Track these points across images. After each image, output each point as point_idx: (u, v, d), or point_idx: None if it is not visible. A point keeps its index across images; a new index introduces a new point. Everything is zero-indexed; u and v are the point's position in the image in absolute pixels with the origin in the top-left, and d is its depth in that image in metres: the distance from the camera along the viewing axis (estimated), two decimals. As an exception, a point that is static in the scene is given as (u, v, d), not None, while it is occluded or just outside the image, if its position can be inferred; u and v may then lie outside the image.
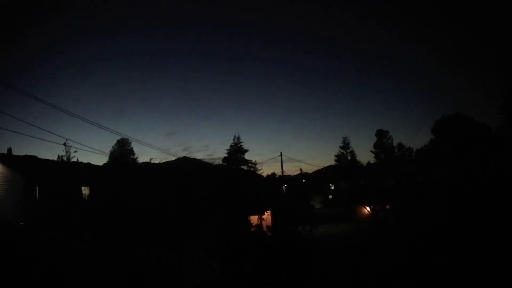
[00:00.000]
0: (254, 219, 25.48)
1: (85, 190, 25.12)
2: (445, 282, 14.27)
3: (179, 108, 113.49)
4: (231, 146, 34.73)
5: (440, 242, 17.73)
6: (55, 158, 26.70)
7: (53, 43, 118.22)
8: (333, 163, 53.14)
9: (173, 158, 36.58)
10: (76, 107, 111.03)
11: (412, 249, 17.80)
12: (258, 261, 15.61)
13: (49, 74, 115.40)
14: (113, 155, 32.63)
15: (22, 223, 20.78)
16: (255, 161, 35.87)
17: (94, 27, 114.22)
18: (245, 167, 34.79)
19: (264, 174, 41.86)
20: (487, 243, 16.24)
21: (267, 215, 31.46)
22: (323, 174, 59.90)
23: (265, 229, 23.71)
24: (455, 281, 14.17)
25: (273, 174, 53.67)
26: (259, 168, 36.46)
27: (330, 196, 58.14)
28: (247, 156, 35.32)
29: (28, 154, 30.68)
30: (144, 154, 40.60)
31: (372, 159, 46.76)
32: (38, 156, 30.50)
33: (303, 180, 62.46)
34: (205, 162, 38.70)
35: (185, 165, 35.31)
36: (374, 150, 45.99)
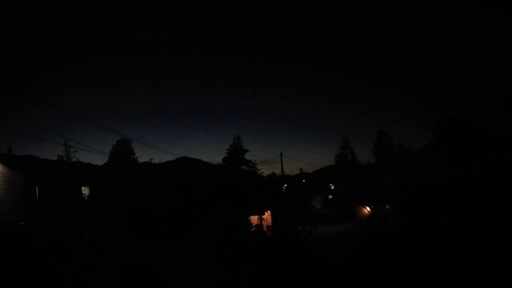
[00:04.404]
0: (254, 219, 25.44)
1: (85, 190, 25.12)
2: (445, 281, 14.30)
3: (179, 107, 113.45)
4: (231, 146, 34.75)
5: (440, 242, 17.77)
6: (55, 158, 26.73)
7: (52, 43, 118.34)
8: (333, 163, 53.20)
9: (173, 158, 36.46)
10: (76, 107, 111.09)
11: (412, 249, 17.82)
12: (258, 261, 15.62)
13: (49, 74, 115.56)
14: (113, 155, 32.61)
15: (22, 223, 20.80)
16: (255, 161, 35.92)
17: (94, 27, 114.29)
18: (245, 167, 34.79)
19: (264, 174, 41.76)
20: (487, 243, 16.30)
21: (267, 215, 31.39)
22: (323, 174, 59.80)
23: (265, 229, 23.72)
24: (454, 280, 14.21)
25: (273, 174, 53.59)
26: (259, 168, 36.47)
27: (330, 196, 58.10)
28: (247, 156, 35.36)
29: (28, 154, 30.66)
30: (144, 154, 40.52)
31: (372, 159, 46.83)
32: (38, 156, 30.50)
33: (303, 180, 62.40)
34: (205, 162, 38.58)
35: (185, 165, 35.25)
36: (374, 150, 46.10)
